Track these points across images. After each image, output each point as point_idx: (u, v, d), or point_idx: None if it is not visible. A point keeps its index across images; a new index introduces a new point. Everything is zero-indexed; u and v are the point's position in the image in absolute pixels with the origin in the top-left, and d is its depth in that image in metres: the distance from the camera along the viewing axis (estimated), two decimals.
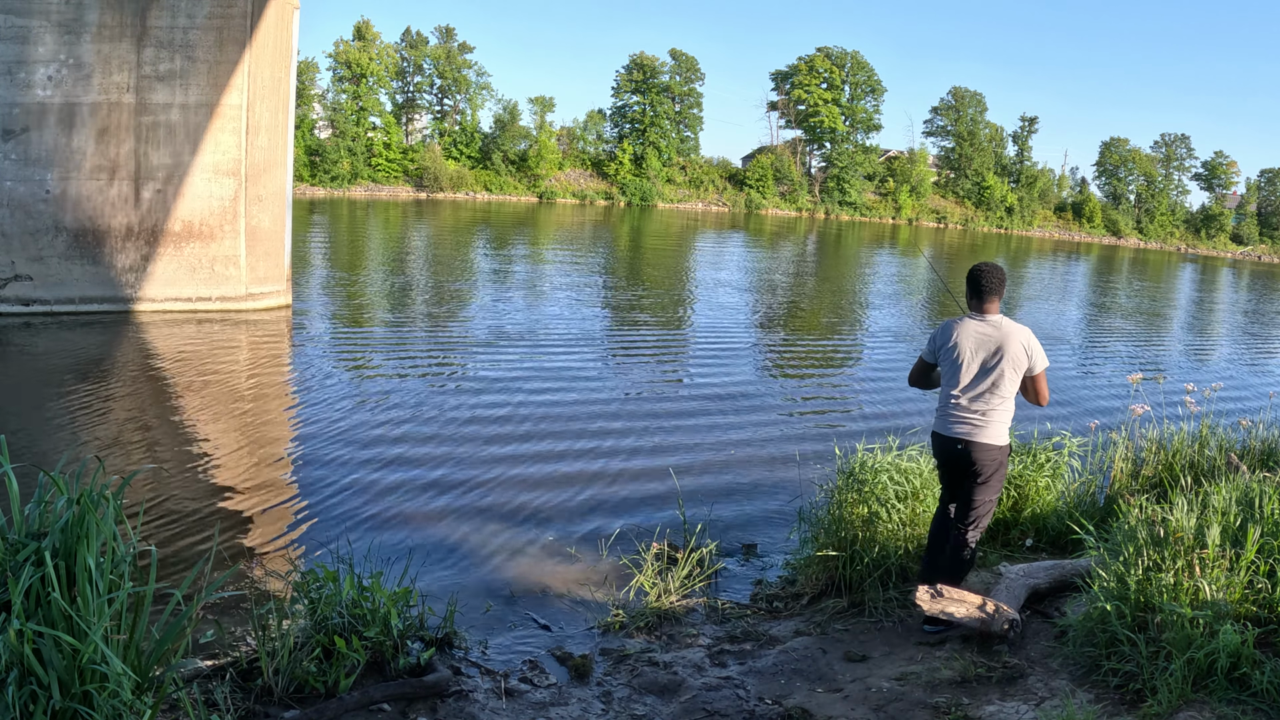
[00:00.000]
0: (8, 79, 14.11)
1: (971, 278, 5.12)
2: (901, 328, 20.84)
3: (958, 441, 5.07)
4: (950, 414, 5.10)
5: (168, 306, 15.56)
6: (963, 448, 5.06)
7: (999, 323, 5.04)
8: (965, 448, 5.05)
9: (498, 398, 11.59)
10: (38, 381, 11.26)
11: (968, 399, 5.03)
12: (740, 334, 18.00)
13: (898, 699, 4.63)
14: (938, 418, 5.22)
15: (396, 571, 5.66)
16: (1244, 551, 4.48)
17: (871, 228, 70.46)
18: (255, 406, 10.81)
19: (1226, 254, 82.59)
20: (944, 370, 5.18)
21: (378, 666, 4.63)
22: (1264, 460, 6.88)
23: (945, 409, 5.13)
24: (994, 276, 5.04)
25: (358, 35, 69.28)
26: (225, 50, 15.30)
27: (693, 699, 4.80)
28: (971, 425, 5.03)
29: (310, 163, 61.80)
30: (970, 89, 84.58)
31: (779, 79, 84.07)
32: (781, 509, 8.09)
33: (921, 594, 5.07)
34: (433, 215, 48.18)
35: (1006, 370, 4.98)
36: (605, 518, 7.77)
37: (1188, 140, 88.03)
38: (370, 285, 21.37)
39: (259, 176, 16.12)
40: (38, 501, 4.06)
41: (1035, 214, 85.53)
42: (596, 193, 73.78)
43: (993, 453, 5.06)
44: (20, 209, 14.51)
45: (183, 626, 3.96)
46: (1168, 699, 4.02)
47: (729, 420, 11.27)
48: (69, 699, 3.44)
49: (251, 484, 8.20)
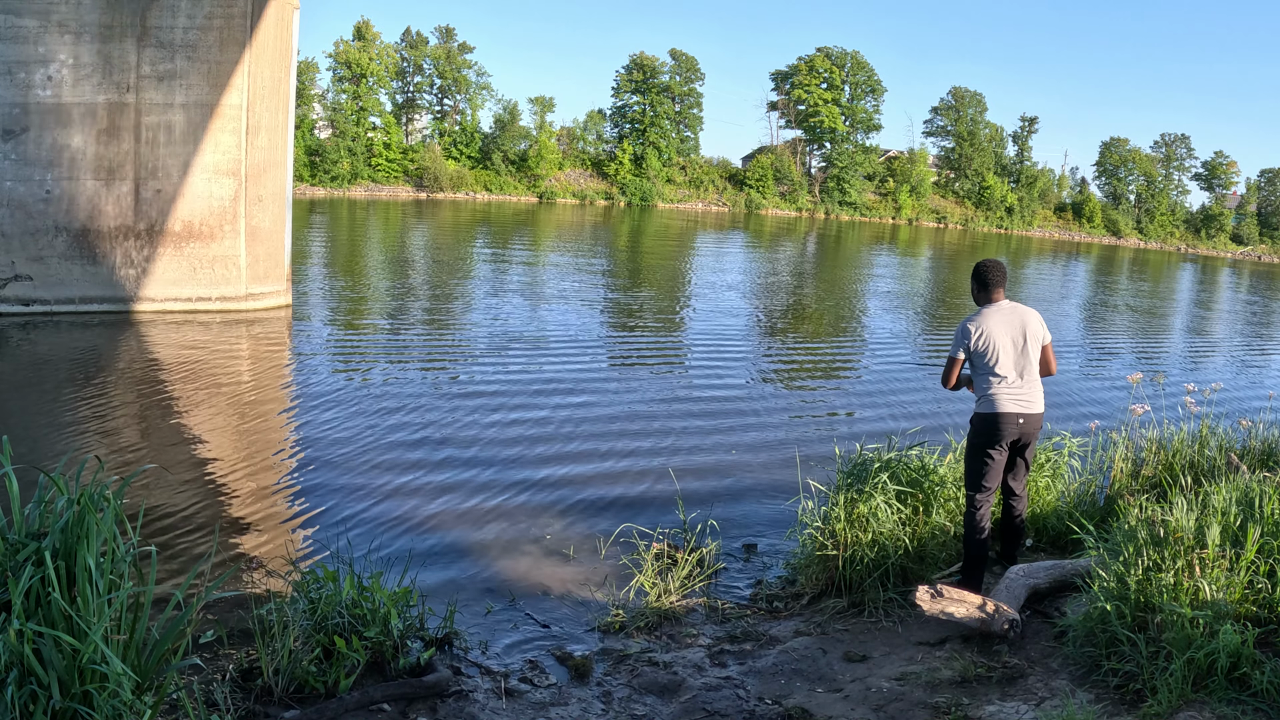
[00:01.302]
0: (8, 79, 14.11)
1: (978, 273, 5.69)
2: (902, 329, 20.85)
3: (1019, 417, 5.54)
4: (1005, 394, 5.53)
5: (168, 306, 15.56)
6: (1023, 421, 5.55)
7: (1011, 307, 5.64)
8: (1025, 421, 5.56)
9: (498, 398, 11.59)
10: (38, 382, 11.26)
11: (1015, 376, 5.53)
12: (740, 335, 18.00)
13: (898, 699, 4.64)
14: (990, 400, 5.55)
15: (396, 571, 5.66)
16: (1244, 551, 4.48)
17: (871, 228, 70.45)
18: (255, 407, 10.80)
19: (1226, 254, 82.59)
20: (982, 358, 5.58)
21: (378, 666, 4.64)
22: (1264, 460, 6.88)
23: (998, 391, 5.53)
24: (998, 269, 5.66)
25: (358, 35, 69.28)
26: (225, 50, 15.30)
27: (693, 699, 4.80)
28: (1027, 400, 5.56)
29: (310, 163, 61.80)
30: (970, 89, 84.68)
31: (779, 79, 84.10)
32: (781, 509, 8.08)
33: (921, 594, 5.08)
34: (433, 215, 48.19)
35: (1032, 345, 5.59)
36: (605, 518, 7.77)
37: (1188, 140, 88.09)
38: (370, 285, 21.38)
39: (259, 176, 16.12)
40: (38, 502, 4.06)
41: (1035, 214, 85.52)
42: (596, 193, 73.78)
43: (1041, 420, 5.71)
44: (20, 209, 14.51)
45: (183, 626, 3.96)
46: (1168, 699, 4.02)
47: (729, 420, 11.27)
48: (69, 699, 3.44)
49: (251, 484, 8.20)
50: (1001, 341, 5.52)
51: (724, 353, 15.88)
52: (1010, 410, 5.52)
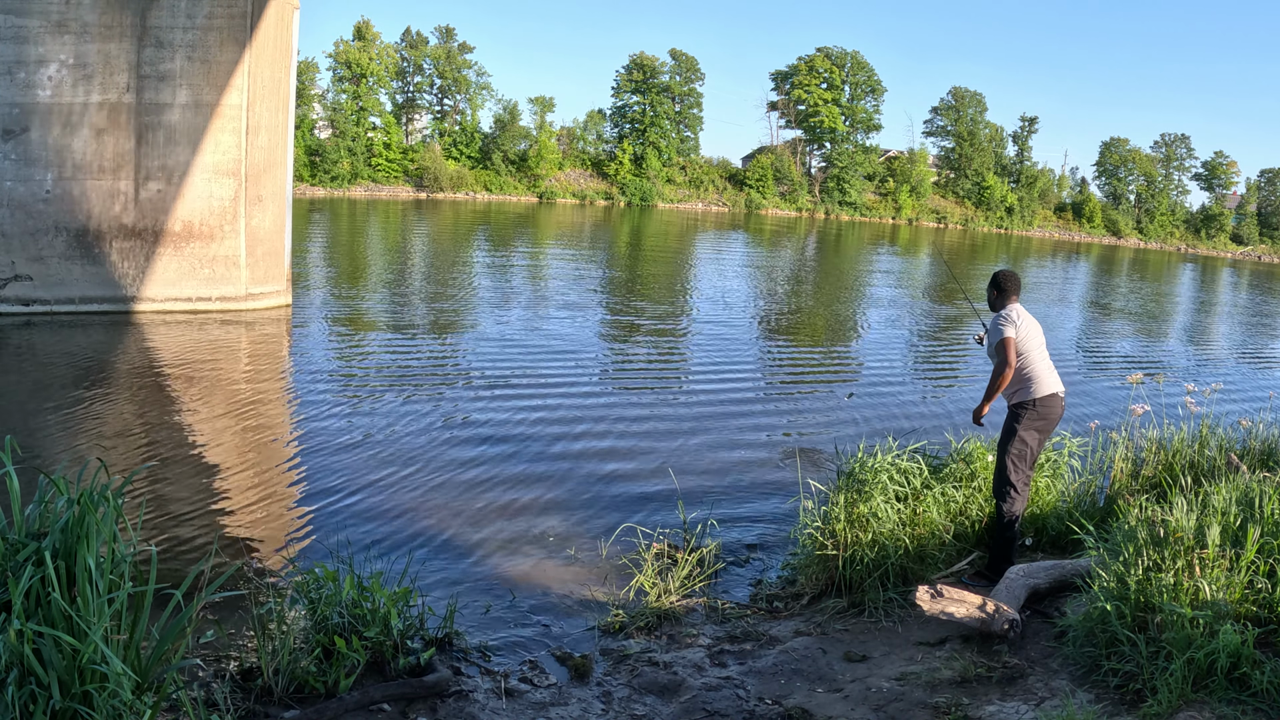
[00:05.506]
0: (8, 79, 14.11)
1: (998, 281, 6.20)
2: (902, 330, 20.84)
3: (1061, 394, 6.06)
4: (1050, 377, 6.02)
5: (168, 306, 15.56)
6: (1062, 397, 6.10)
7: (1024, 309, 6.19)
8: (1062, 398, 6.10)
9: (498, 398, 11.59)
10: (38, 382, 11.26)
11: (1050, 363, 6.10)
12: (740, 335, 17.99)
13: (898, 699, 4.64)
14: (1042, 383, 5.95)
15: (397, 572, 5.66)
16: (1244, 551, 4.48)
17: (871, 228, 70.43)
18: (255, 407, 10.80)
19: (1226, 254, 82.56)
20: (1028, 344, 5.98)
21: (378, 666, 4.64)
22: (1264, 460, 6.88)
23: (1048, 374, 6.02)
24: (1016, 278, 6.27)
25: (358, 35, 69.23)
26: (225, 50, 15.29)
27: (693, 699, 4.80)
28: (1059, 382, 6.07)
29: (310, 163, 61.76)
30: (970, 89, 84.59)
31: (779, 79, 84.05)
32: (781, 509, 8.09)
33: (921, 594, 5.09)
34: (433, 215, 48.18)
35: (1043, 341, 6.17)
36: (605, 518, 7.77)
37: (1188, 140, 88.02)
38: (370, 285, 21.37)
39: (259, 176, 16.12)
40: (38, 502, 4.06)
41: (1035, 214, 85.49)
42: (596, 193, 73.75)
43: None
44: (20, 209, 14.51)
45: (183, 626, 3.96)
46: (1168, 699, 4.02)
47: (729, 420, 11.27)
48: (69, 699, 3.44)
49: (251, 484, 8.20)
50: (1038, 335, 6.09)
51: (724, 353, 15.88)
52: (1059, 390, 6.00)
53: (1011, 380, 5.95)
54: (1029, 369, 5.93)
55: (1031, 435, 5.91)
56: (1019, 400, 5.95)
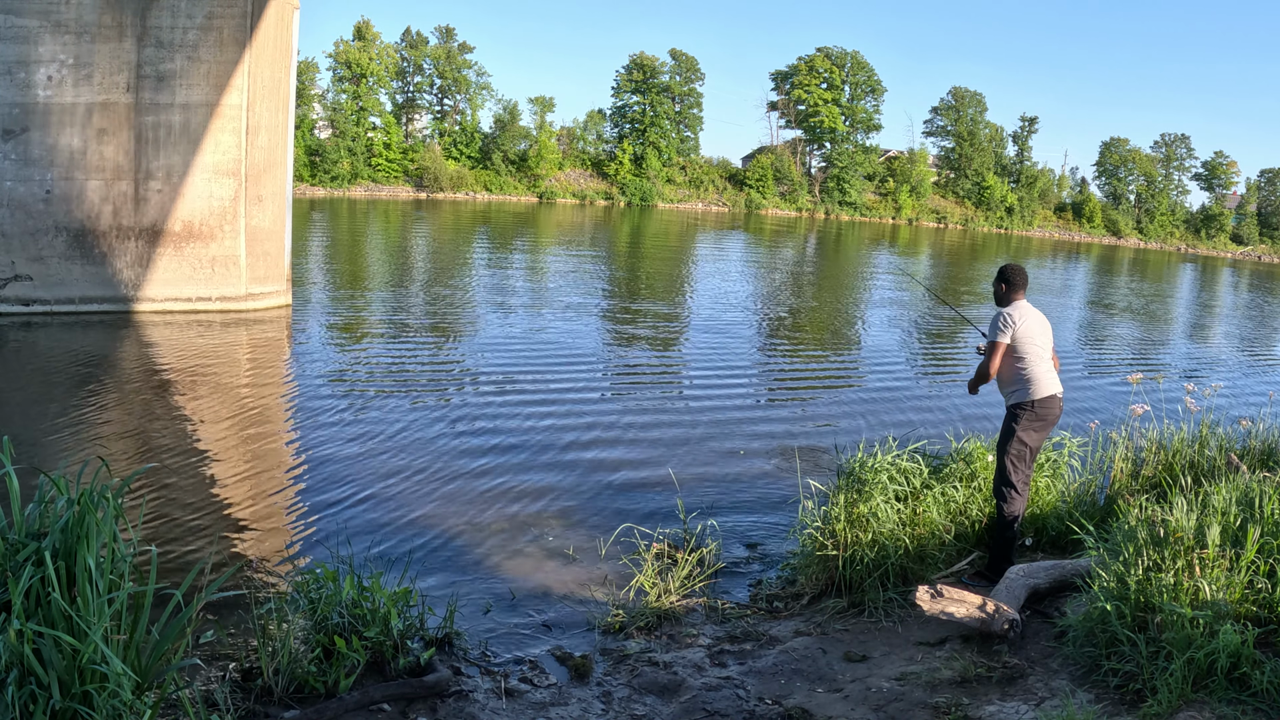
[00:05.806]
0: (8, 79, 14.10)
1: (1005, 275, 6.13)
2: (901, 331, 20.84)
3: (1059, 396, 6.02)
4: (1048, 378, 5.97)
5: (168, 306, 15.56)
6: (1060, 398, 6.05)
7: (1030, 306, 6.11)
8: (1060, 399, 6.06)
9: (499, 398, 11.59)
10: (38, 382, 11.25)
11: (1050, 363, 6.05)
12: (740, 335, 17.99)
13: (898, 699, 4.63)
14: (1040, 384, 5.91)
15: (396, 572, 5.66)
16: (1244, 551, 4.48)
17: (871, 228, 70.42)
18: (255, 407, 10.80)
19: (1226, 254, 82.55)
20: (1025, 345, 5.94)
21: (378, 666, 4.64)
22: (1264, 460, 6.88)
23: (1046, 375, 5.96)
24: (1023, 273, 6.23)
25: (358, 35, 69.21)
26: (225, 50, 15.29)
27: (693, 699, 4.80)
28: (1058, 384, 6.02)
29: (310, 163, 61.75)
30: (970, 89, 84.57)
31: (779, 79, 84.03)
32: (781, 509, 8.09)
33: (922, 594, 5.08)
34: (433, 215, 48.18)
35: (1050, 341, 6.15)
36: (605, 518, 7.77)
37: (1188, 140, 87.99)
38: (370, 285, 21.37)
39: (259, 176, 16.12)
40: (38, 502, 4.06)
41: (1035, 214, 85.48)
42: (596, 193, 73.73)
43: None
44: (20, 209, 14.51)
45: (183, 626, 3.96)
46: (1168, 699, 4.02)
47: (729, 420, 11.27)
48: (69, 699, 3.44)
49: (252, 484, 8.20)
50: (1042, 334, 6.02)
51: (724, 353, 15.87)
52: (1057, 392, 5.96)
53: (1010, 381, 5.96)
54: (1028, 370, 5.90)
55: (1030, 436, 5.91)
56: (1017, 401, 5.95)
